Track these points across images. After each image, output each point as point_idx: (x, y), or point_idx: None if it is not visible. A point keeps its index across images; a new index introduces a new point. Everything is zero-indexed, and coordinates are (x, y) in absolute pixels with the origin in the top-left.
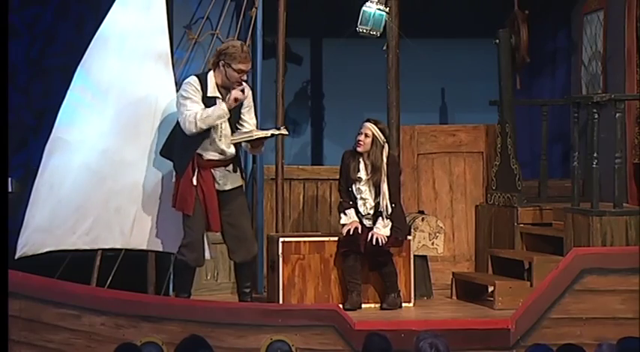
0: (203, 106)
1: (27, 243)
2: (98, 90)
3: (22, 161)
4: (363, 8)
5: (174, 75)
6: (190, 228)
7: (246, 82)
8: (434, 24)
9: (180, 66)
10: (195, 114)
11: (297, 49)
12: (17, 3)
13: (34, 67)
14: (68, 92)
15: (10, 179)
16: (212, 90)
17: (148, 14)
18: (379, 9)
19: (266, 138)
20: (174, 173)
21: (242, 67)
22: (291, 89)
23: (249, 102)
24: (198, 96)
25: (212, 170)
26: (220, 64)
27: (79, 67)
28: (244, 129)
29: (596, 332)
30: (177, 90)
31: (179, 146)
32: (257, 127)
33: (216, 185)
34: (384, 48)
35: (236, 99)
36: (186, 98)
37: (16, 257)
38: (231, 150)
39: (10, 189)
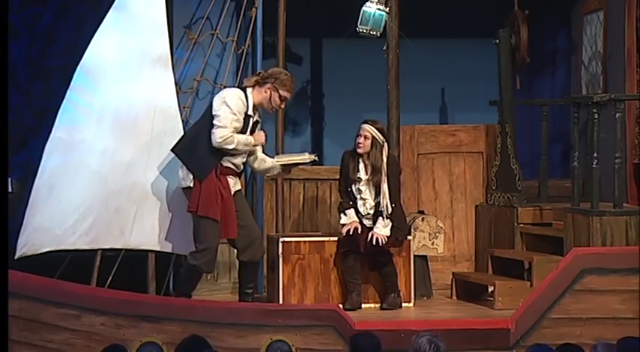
0: (241, 125)
1: (27, 243)
2: (98, 90)
3: (22, 161)
4: (363, 8)
5: (174, 75)
6: (208, 233)
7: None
8: (434, 24)
9: (180, 66)
10: (238, 137)
11: (297, 49)
12: (17, 3)
13: (34, 67)
14: (68, 92)
15: (10, 179)
16: (251, 109)
17: (147, 14)
18: (379, 9)
19: (305, 163)
20: (185, 176)
21: (287, 95)
22: None
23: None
24: (242, 114)
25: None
26: (267, 85)
27: (78, 67)
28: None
29: (596, 332)
30: (178, 91)
31: (204, 151)
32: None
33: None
34: (384, 48)
35: (261, 145)
36: (232, 113)
37: (16, 257)
38: (243, 161)
39: (10, 189)
